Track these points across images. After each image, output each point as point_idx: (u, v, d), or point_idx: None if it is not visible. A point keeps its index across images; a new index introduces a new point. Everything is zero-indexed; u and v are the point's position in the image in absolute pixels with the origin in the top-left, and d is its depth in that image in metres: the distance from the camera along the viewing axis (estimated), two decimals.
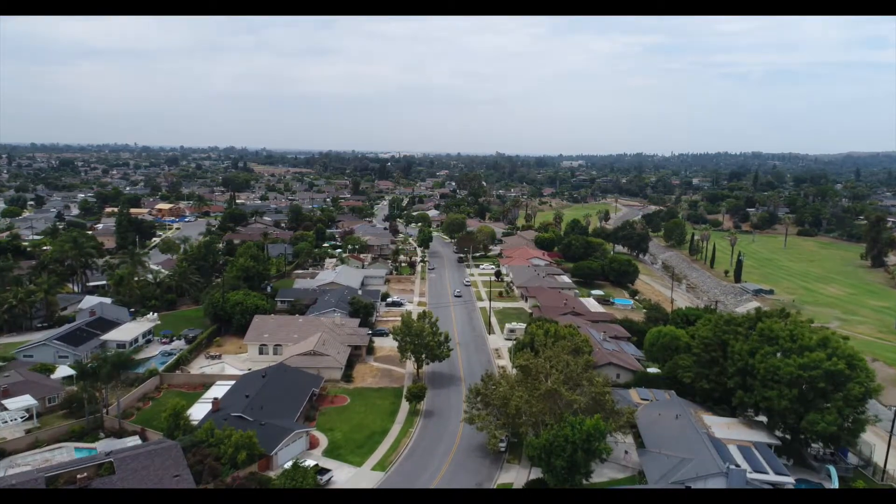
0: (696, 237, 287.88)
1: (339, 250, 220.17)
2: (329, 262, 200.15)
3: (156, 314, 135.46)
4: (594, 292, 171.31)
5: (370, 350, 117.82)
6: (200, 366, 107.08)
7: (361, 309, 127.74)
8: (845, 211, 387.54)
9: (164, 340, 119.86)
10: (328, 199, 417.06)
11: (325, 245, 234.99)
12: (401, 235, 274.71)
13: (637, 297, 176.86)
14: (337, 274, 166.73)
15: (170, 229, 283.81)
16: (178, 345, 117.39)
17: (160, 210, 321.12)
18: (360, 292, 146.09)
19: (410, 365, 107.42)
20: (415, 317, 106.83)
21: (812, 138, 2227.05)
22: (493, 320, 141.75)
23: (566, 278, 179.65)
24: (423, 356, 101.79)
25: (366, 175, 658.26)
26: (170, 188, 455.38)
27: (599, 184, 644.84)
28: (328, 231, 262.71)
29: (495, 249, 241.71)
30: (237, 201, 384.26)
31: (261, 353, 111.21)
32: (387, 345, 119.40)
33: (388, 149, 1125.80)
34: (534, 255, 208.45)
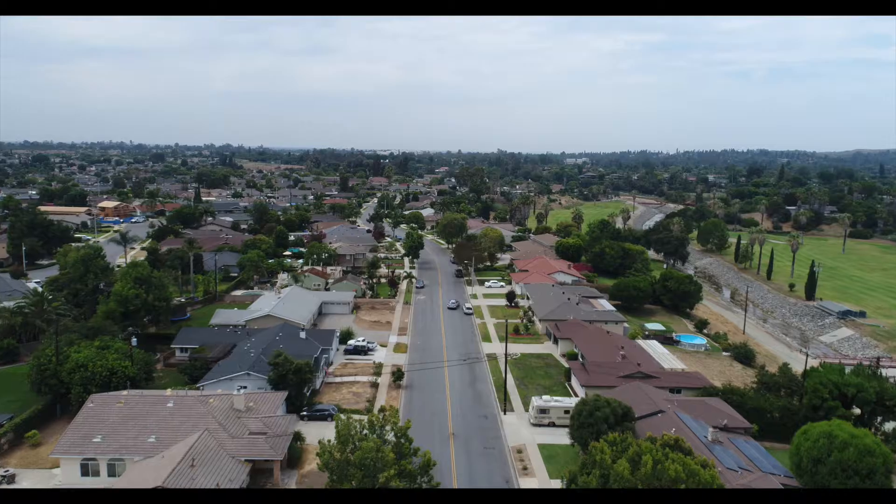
0: (742, 241, 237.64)
1: (301, 261, 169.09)
2: (282, 277, 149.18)
3: None
4: (650, 326, 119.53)
5: (294, 459, 66.49)
6: None
7: (290, 375, 75.47)
8: None
9: None
10: (310, 197, 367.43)
11: (287, 253, 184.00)
12: (387, 239, 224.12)
13: (705, 331, 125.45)
14: (280, 300, 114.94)
15: (107, 232, 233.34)
16: None
17: (103, 209, 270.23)
18: (303, 334, 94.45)
19: None
20: (381, 398, 55.67)
21: (816, 136, 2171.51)
22: (510, 381, 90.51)
23: (606, 303, 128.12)
24: None
25: (358, 171, 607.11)
26: (136, 185, 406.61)
27: (610, 180, 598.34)
28: (295, 235, 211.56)
29: (504, 258, 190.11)
30: (206, 198, 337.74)
31: (85, 473, 59.89)
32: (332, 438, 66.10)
33: (389, 147, 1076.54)
34: (557, 267, 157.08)
